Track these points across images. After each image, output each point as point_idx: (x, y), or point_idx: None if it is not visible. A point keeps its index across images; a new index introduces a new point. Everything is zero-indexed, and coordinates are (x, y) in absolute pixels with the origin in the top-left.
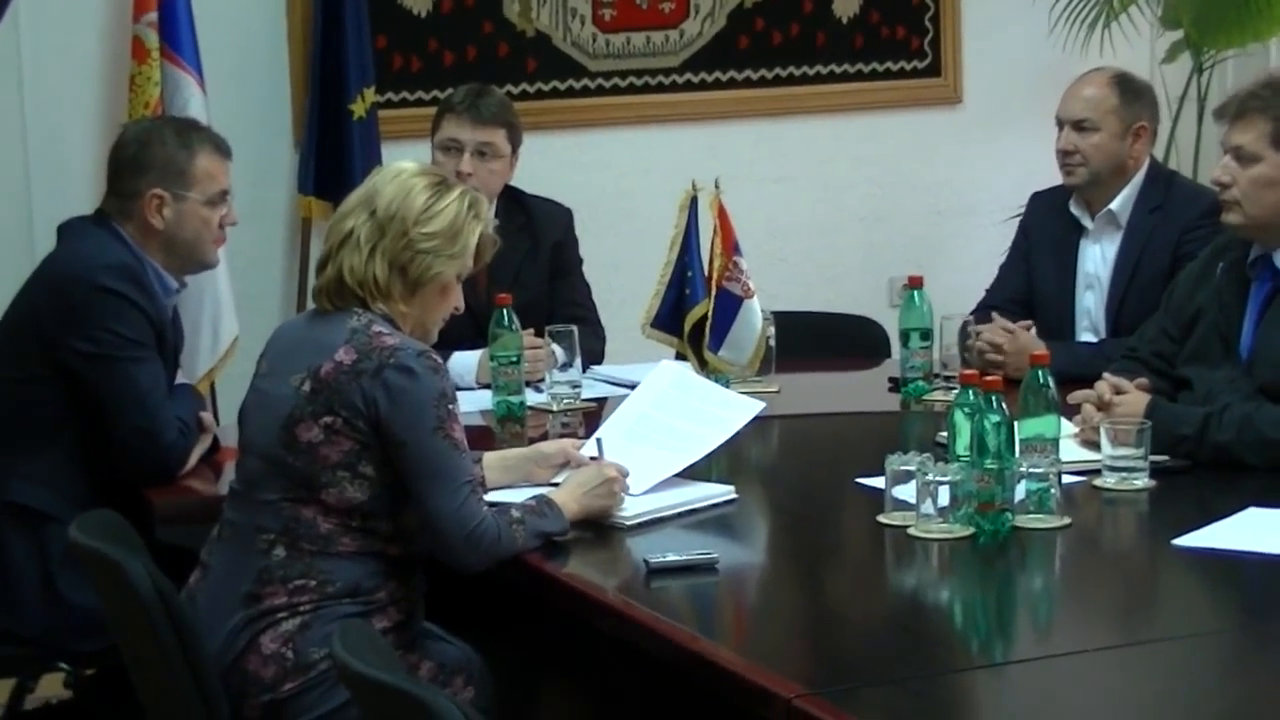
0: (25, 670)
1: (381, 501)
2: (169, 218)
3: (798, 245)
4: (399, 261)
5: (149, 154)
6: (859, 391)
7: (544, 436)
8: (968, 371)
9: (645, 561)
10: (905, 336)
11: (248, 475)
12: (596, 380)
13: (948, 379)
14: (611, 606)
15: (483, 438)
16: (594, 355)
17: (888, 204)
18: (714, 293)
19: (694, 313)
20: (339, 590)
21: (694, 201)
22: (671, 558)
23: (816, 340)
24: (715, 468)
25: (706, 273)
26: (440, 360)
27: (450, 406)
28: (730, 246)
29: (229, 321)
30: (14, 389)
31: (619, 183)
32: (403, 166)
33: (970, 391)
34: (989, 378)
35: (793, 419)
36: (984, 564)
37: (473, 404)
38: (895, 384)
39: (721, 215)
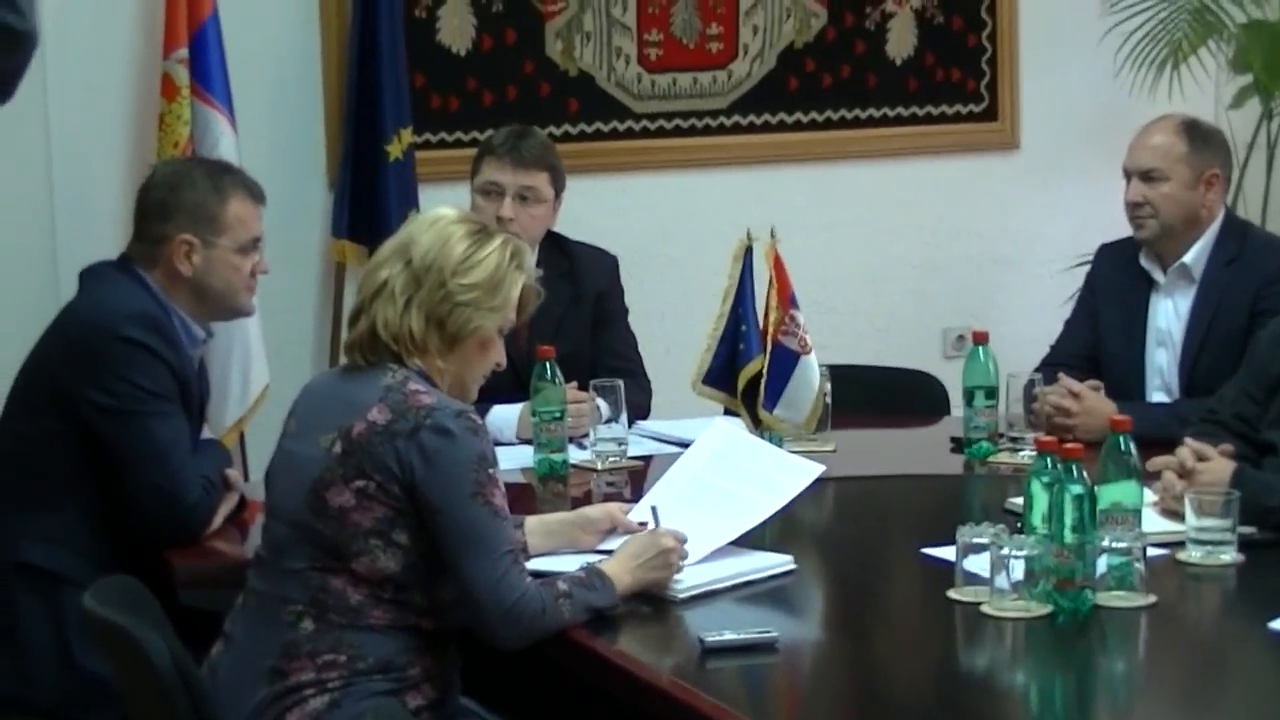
0: None
1: (416, 572)
2: (198, 265)
3: (847, 294)
4: (436, 314)
5: (179, 198)
6: (919, 452)
7: (587, 496)
8: (1045, 438)
9: (700, 640)
10: (970, 395)
11: (273, 542)
12: (643, 436)
13: (1014, 440)
14: (663, 690)
15: (523, 496)
16: (640, 409)
17: (941, 252)
18: (769, 348)
19: (748, 369)
20: (370, 666)
21: (749, 251)
22: (729, 636)
23: (871, 395)
24: (770, 534)
25: (761, 327)
26: (479, 421)
27: (490, 470)
28: (787, 299)
29: (259, 369)
30: (28, 444)
31: (663, 228)
32: (441, 213)
33: (1049, 459)
34: (1069, 445)
35: (851, 481)
36: (1063, 645)
37: (513, 460)
38: (958, 444)
39: (778, 266)
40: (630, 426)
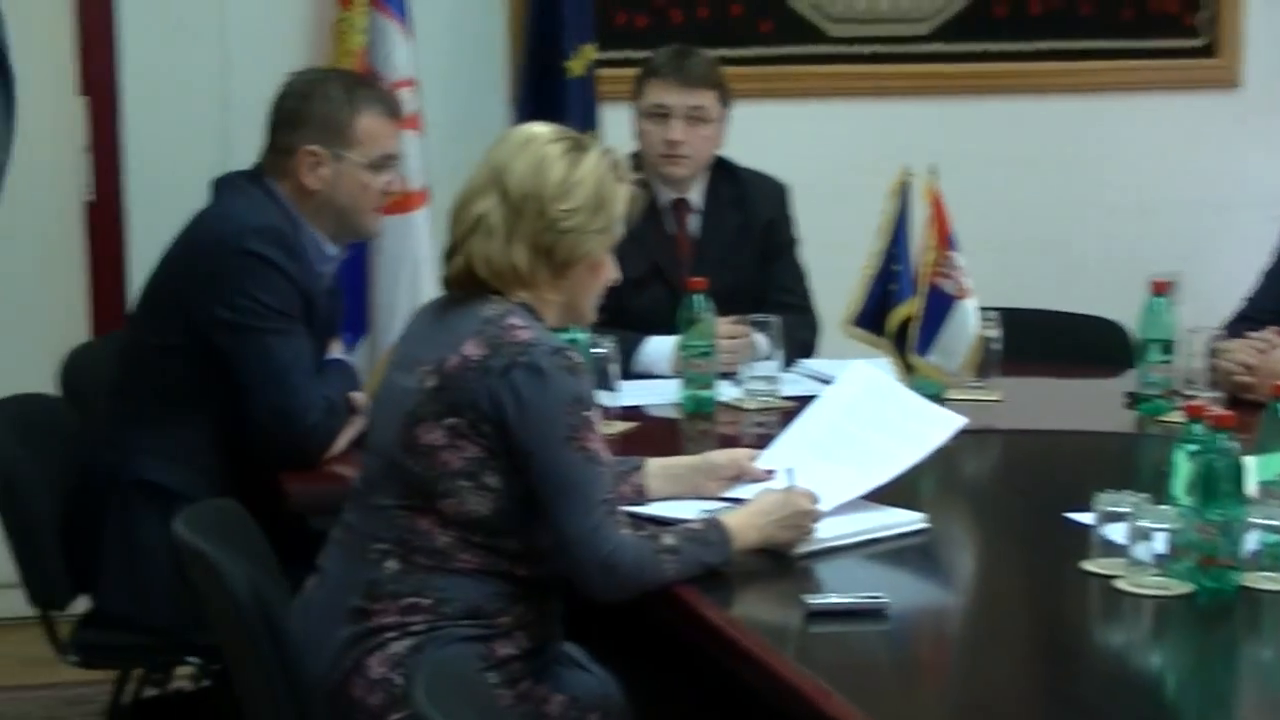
0: (152, 661)
1: (508, 517)
2: (325, 178)
3: (1042, 234)
4: (542, 244)
5: (309, 108)
6: (1091, 406)
7: (733, 439)
8: (1193, 403)
9: (804, 602)
10: (1145, 348)
11: (367, 475)
12: (803, 375)
13: (1189, 398)
14: (752, 654)
15: (668, 434)
16: (804, 347)
17: (1148, 194)
18: (924, 290)
19: (898, 311)
20: (456, 611)
21: (906, 188)
22: (834, 599)
23: (1053, 343)
24: (908, 488)
25: (916, 267)
26: (578, 360)
27: (586, 413)
28: (945, 239)
29: (429, 287)
30: (152, 357)
31: (854, 157)
32: (532, 133)
33: (1196, 425)
34: (1220, 412)
35: (1011, 434)
36: (1203, 628)
37: (663, 395)
38: (1133, 400)
39: (936, 205)
40: (791, 365)
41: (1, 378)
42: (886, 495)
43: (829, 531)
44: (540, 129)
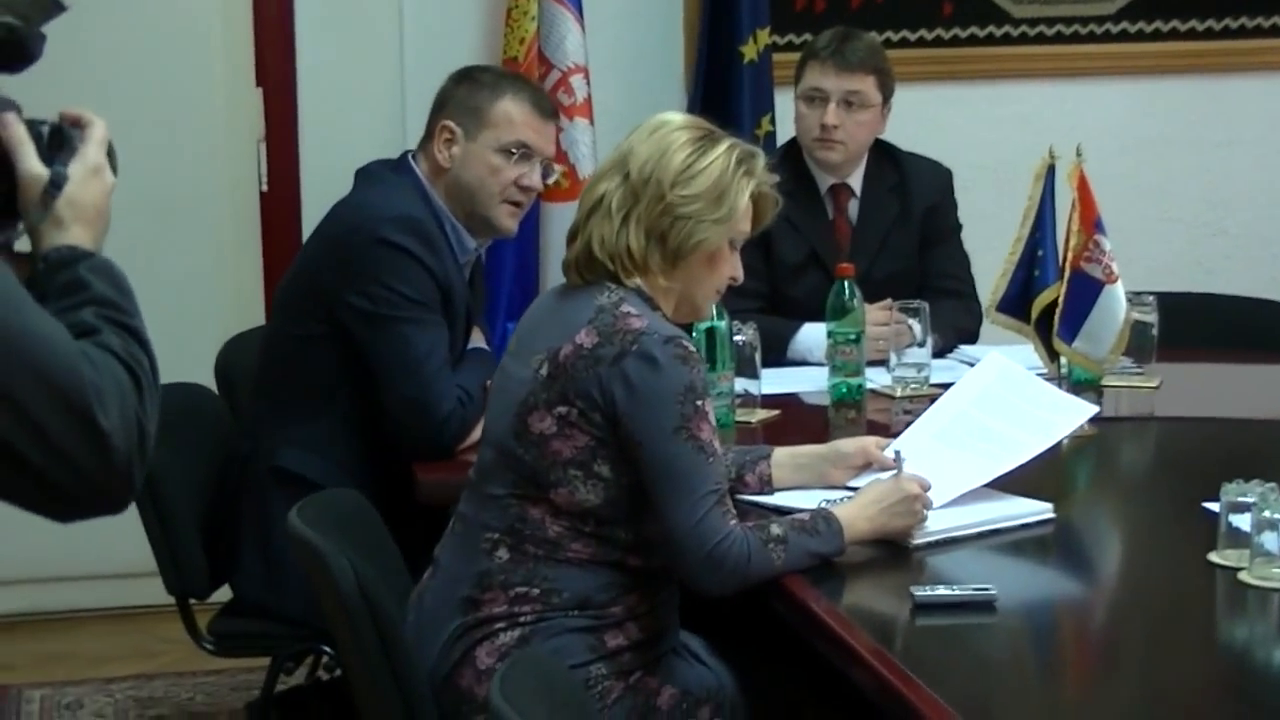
0: (286, 649)
1: (619, 507)
2: (455, 156)
3: (1241, 217)
4: (657, 229)
5: (456, 91)
6: (1255, 394)
7: (882, 426)
8: None
9: (911, 594)
10: None
11: (481, 465)
12: (959, 362)
13: None
14: (858, 654)
15: (815, 421)
16: (967, 334)
17: None
18: (1068, 275)
19: (1043, 297)
20: (566, 601)
21: (1051, 171)
22: (942, 591)
23: (1245, 329)
24: (1057, 476)
25: (1062, 252)
26: (692, 348)
27: (698, 403)
28: (1091, 223)
29: None
30: (292, 346)
31: (1040, 141)
32: (665, 119)
33: None
34: None
35: (1168, 421)
36: None
37: (815, 383)
38: None
39: (1082, 187)
40: (952, 351)
41: (178, 367)
42: (1022, 485)
43: (950, 522)
44: (675, 116)
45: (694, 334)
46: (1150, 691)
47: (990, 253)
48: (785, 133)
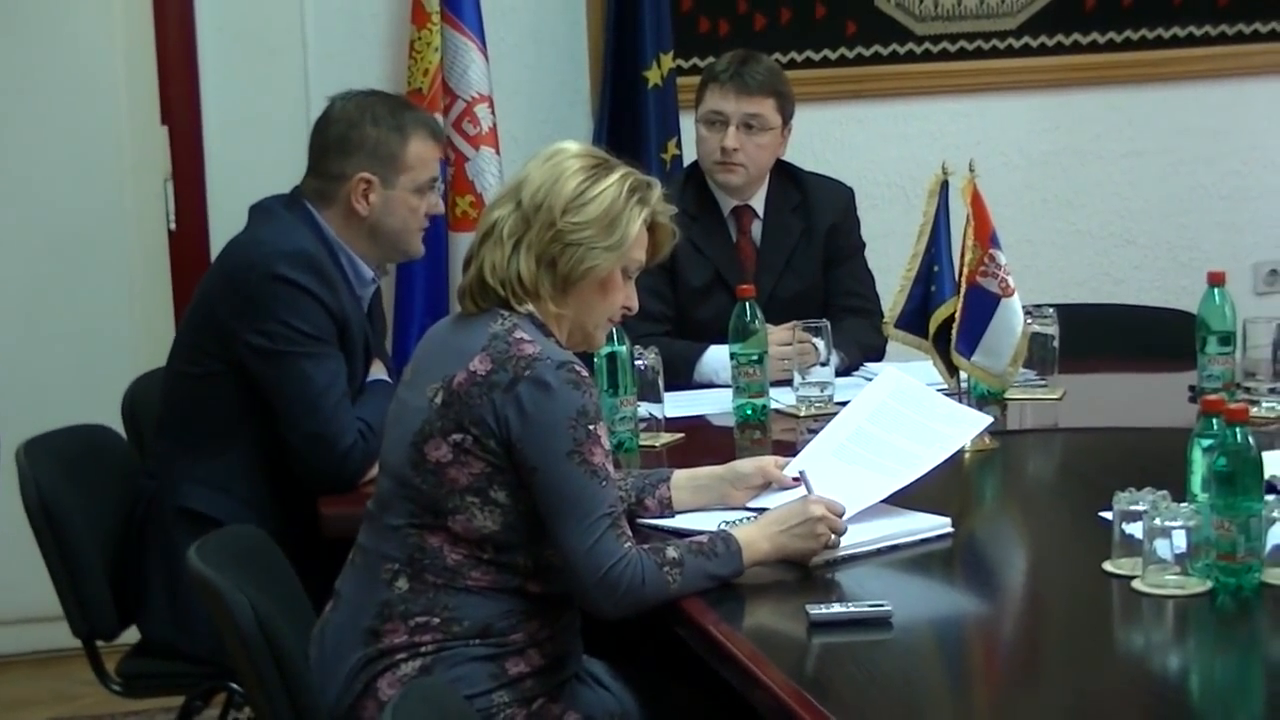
0: (196, 688)
1: (517, 533)
2: (375, 205)
3: (1148, 227)
4: (547, 255)
5: (359, 134)
6: (1156, 402)
7: (788, 446)
8: (1211, 397)
9: (807, 613)
10: (1203, 340)
11: (379, 496)
12: (866, 379)
13: (1248, 390)
14: (755, 676)
15: (720, 443)
16: (873, 352)
17: (1253, 181)
18: (964, 290)
19: (940, 312)
20: (466, 630)
21: (944, 186)
22: (837, 609)
23: (1150, 337)
24: (957, 490)
25: (958, 267)
26: (584, 373)
27: (590, 427)
28: (986, 238)
29: None
30: (192, 384)
31: (947, 157)
32: (561, 147)
33: (1212, 420)
34: (1233, 406)
35: (1070, 433)
36: (1222, 628)
37: (722, 405)
38: (1195, 394)
39: (976, 202)
40: (858, 369)
41: (86, 407)
42: (925, 500)
43: (849, 539)
44: (571, 145)
45: (595, 359)
46: (1048, 703)
47: (900, 270)
48: (692, 156)
